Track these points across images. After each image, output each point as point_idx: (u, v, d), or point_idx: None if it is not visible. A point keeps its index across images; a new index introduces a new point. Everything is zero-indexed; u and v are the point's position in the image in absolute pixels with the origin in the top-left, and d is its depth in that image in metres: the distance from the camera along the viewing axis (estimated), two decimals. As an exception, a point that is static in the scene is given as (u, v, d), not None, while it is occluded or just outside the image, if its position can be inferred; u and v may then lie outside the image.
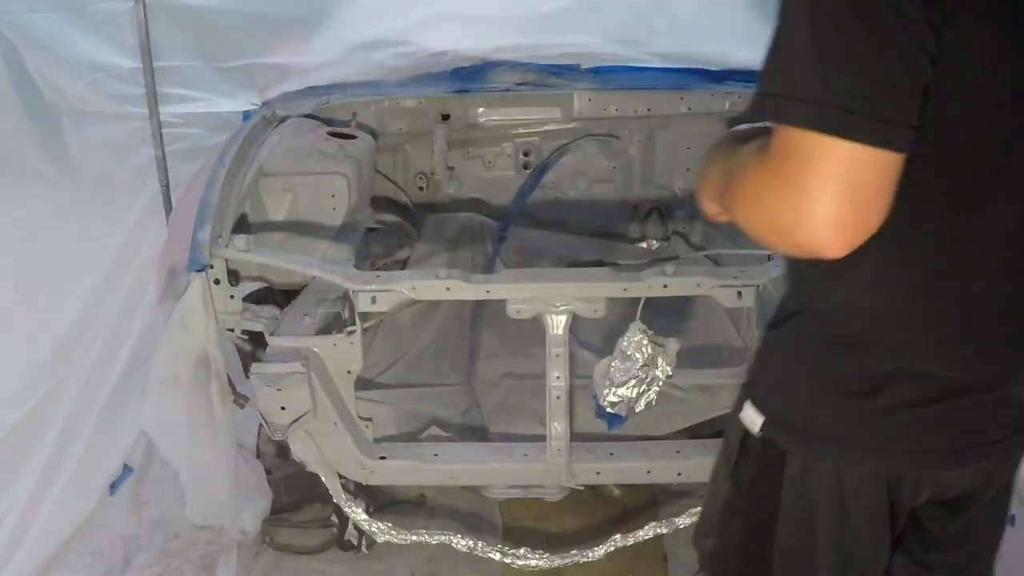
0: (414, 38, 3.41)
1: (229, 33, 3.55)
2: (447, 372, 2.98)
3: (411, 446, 2.66)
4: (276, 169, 2.91)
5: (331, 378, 2.49)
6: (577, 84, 3.47)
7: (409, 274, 2.70)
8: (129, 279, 3.54)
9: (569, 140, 3.77)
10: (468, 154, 3.79)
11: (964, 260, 1.30)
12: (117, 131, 3.56)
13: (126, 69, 3.54)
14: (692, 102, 3.52)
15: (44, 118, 3.20)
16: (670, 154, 3.77)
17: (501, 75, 3.46)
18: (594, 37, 3.45)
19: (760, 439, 1.49)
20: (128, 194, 3.64)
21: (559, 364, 2.43)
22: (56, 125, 3.25)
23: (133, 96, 3.60)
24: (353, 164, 3.00)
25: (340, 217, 2.98)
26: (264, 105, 3.41)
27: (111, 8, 3.45)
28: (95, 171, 3.45)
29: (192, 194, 2.68)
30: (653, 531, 2.69)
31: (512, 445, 2.62)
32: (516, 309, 2.40)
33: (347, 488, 2.74)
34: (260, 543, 3.12)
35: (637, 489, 3.36)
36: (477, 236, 3.60)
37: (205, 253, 2.39)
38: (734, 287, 2.37)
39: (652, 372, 2.31)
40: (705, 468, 2.65)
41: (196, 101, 3.67)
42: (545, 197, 3.84)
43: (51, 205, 3.20)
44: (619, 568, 3.05)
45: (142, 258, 3.58)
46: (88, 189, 3.40)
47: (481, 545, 2.65)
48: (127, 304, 3.52)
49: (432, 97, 3.52)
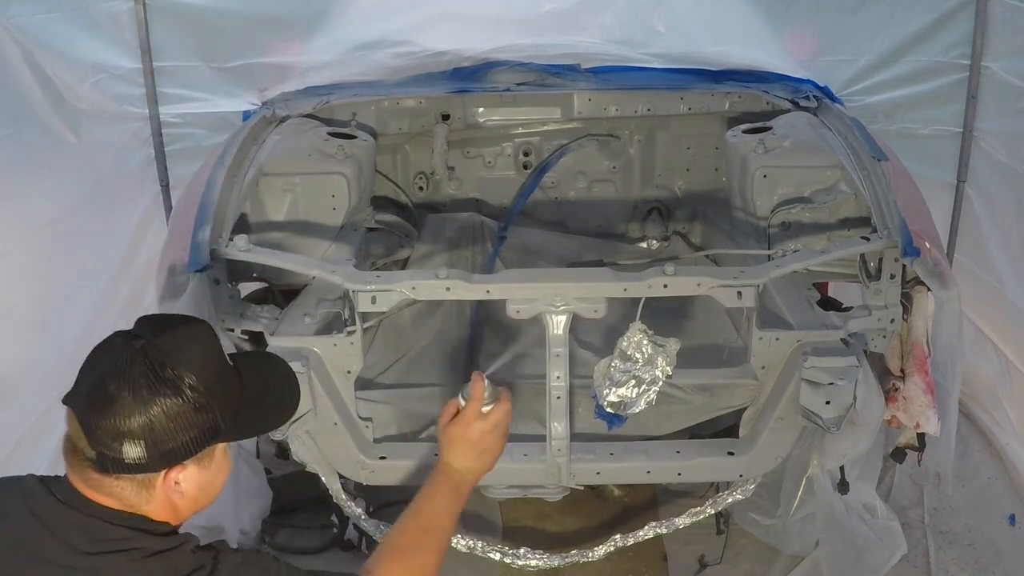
0: (414, 38, 3.41)
1: (229, 33, 3.56)
2: (447, 372, 2.97)
3: (411, 446, 2.65)
4: (276, 169, 2.91)
5: (331, 378, 2.49)
6: (577, 84, 3.47)
7: (409, 274, 2.70)
8: (131, 279, 3.55)
9: (569, 140, 3.77)
10: (468, 154, 3.79)
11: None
12: (118, 131, 3.57)
13: (127, 69, 3.55)
14: (692, 102, 3.53)
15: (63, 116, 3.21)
16: (670, 154, 3.77)
17: (501, 75, 3.46)
18: (594, 37, 3.45)
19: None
20: (129, 194, 3.65)
21: (559, 364, 2.43)
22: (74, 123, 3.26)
23: (133, 96, 3.61)
24: (353, 164, 3.00)
25: (340, 217, 2.98)
26: (264, 105, 3.41)
27: (112, 8, 3.45)
28: (99, 171, 3.46)
29: (192, 194, 2.68)
30: (653, 531, 2.69)
31: (512, 445, 2.61)
32: (516, 309, 2.40)
33: (347, 488, 2.75)
34: (260, 543, 3.12)
35: (637, 489, 3.36)
36: (477, 236, 3.60)
37: (205, 253, 2.39)
38: (734, 287, 2.37)
39: (652, 372, 2.31)
40: (705, 468, 2.70)
41: (196, 101, 3.68)
42: (545, 197, 3.84)
43: (57, 205, 3.20)
44: (619, 568, 3.05)
45: (143, 258, 3.59)
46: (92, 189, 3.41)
47: (481, 545, 2.66)
48: (128, 304, 3.53)
49: (432, 97, 3.52)
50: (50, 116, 3.16)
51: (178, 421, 1.47)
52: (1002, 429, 3.54)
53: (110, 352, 1.50)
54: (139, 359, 1.46)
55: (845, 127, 2.88)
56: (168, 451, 1.47)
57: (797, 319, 2.51)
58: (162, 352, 1.48)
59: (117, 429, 1.43)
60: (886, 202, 2.47)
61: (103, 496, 1.49)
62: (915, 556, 3.04)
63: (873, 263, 2.50)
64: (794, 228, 2.89)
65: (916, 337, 2.50)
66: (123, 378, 1.45)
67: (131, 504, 1.50)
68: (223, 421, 1.53)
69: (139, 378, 1.44)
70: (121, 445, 1.44)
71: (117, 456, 1.45)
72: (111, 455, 1.45)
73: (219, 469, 1.60)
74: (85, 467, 1.48)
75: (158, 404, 1.45)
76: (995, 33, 3.50)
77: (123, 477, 1.47)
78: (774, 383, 2.50)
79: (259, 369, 1.71)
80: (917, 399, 2.51)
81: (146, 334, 1.51)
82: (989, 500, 3.33)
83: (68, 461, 1.51)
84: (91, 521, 1.47)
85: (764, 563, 3.05)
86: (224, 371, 1.56)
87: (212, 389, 1.51)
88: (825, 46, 3.63)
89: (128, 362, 1.46)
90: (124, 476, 1.47)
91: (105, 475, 1.47)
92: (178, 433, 1.47)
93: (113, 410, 1.43)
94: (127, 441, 1.44)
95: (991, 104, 3.59)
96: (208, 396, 1.50)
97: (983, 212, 3.67)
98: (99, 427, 1.44)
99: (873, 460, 2.77)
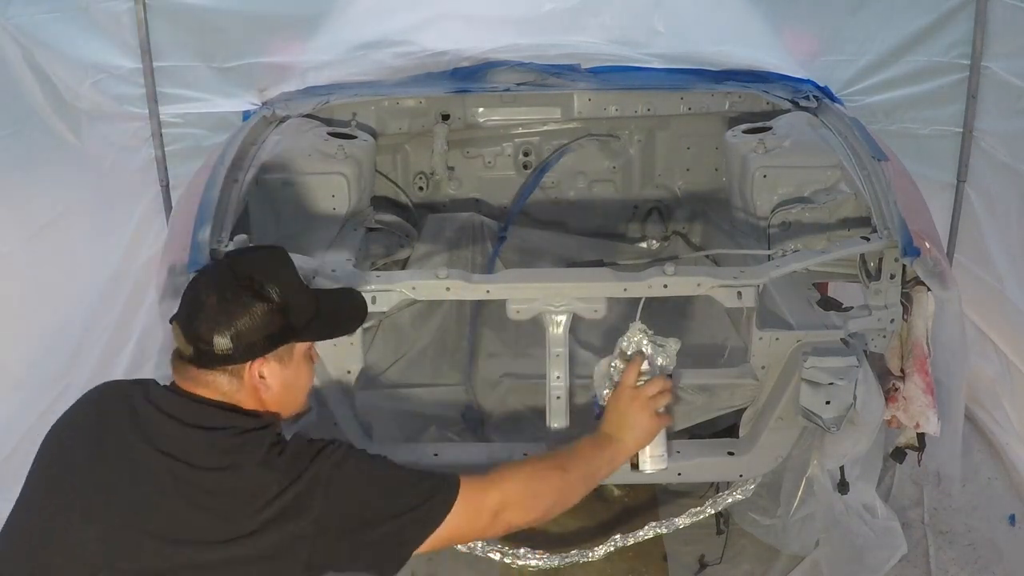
0: (414, 38, 3.41)
1: (229, 33, 3.56)
2: (447, 372, 2.98)
3: (411, 446, 2.65)
4: (276, 169, 2.91)
5: (331, 378, 2.49)
6: (577, 84, 3.47)
7: (409, 274, 2.70)
8: (131, 279, 3.55)
9: (569, 140, 3.77)
10: (468, 154, 3.79)
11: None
12: (118, 131, 3.57)
13: (127, 69, 3.55)
14: (692, 102, 3.53)
15: (63, 116, 3.21)
16: (670, 154, 3.77)
17: (501, 75, 3.46)
18: (594, 37, 3.45)
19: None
20: (129, 194, 3.65)
21: (559, 364, 2.43)
22: (74, 123, 3.26)
23: (133, 96, 3.61)
24: (353, 164, 3.00)
25: (340, 217, 2.98)
26: (264, 105, 3.41)
27: (112, 8, 3.45)
28: (99, 171, 3.46)
29: (192, 194, 2.68)
30: (653, 531, 2.69)
31: (512, 445, 2.62)
32: (516, 309, 2.40)
33: (347, 488, 2.74)
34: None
35: (637, 489, 3.36)
36: (477, 236, 3.60)
37: (205, 253, 2.39)
38: (734, 287, 2.37)
39: (652, 372, 2.31)
40: (705, 468, 2.70)
41: (196, 101, 3.68)
42: (545, 197, 3.84)
43: (57, 205, 3.20)
44: (619, 568, 3.05)
45: (143, 258, 3.59)
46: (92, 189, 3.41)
47: (481, 545, 2.65)
48: (128, 304, 3.53)
49: (432, 97, 3.52)
50: (50, 116, 3.16)
51: (258, 319, 1.75)
52: (1002, 429, 3.54)
53: (205, 273, 1.84)
54: (227, 271, 1.79)
55: (845, 127, 2.88)
56: (250, 344, 1.75)
57: (797, 319, 2.51)
58: (246, 265, 1.80)
59: (209, 326, 1.73)
60: (886, 202, 2.47)
61: (201, 388, 1.76)
62: (915, 556, 3.04)
63: (873, 263, 2.50)
64: (794, 228, 2.89)
65: (916, 337, 2.50)
66: (214, 287, 1.76)
67: (225, 393, 1.77)
68: (297, 324, 1.81)
69: (227, 285, 1.75)
70: (212, 338, 1.72)
71: (209, 349, 1.73)
72: (205, 348, 1.73)
73: (299, 370, 1.88)
74: (186, 366, 1.77)
75: (243, 304, 1.74)
76: (995, 33, 3.50)
77: (217, 369, 1.76)
78: (774, 383, 2.50)
79: (336, 296, 2.04)
80: (917, 399, 2.51)
81: (234, 256, 1.89)
82: (989, 500, 3.33)
83: (174, 367, 1.80)
84: (193, 405, 1.75)
85: (764, 563, 3.05)
86: (298, 286, 1.86)
87: (287, 296, 1.79)
88: (825, 46, 3.63)
89: (219, 275, 1.79)
90: (218, 368, 1.75)
91: (202, 369, 1.76)
92: (258, 329, 1.75)
93: (206, 312, 1.73)
94: (217, 335, 1.72)
95: (991, 104, 3.59)
96: (283, 300, 1.78)
97: (983, 212, 3.66)
98: (196, 328, 1.73)
99: (873, 460, 2.77)
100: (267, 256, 1.87)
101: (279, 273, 1.82)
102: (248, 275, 1.77)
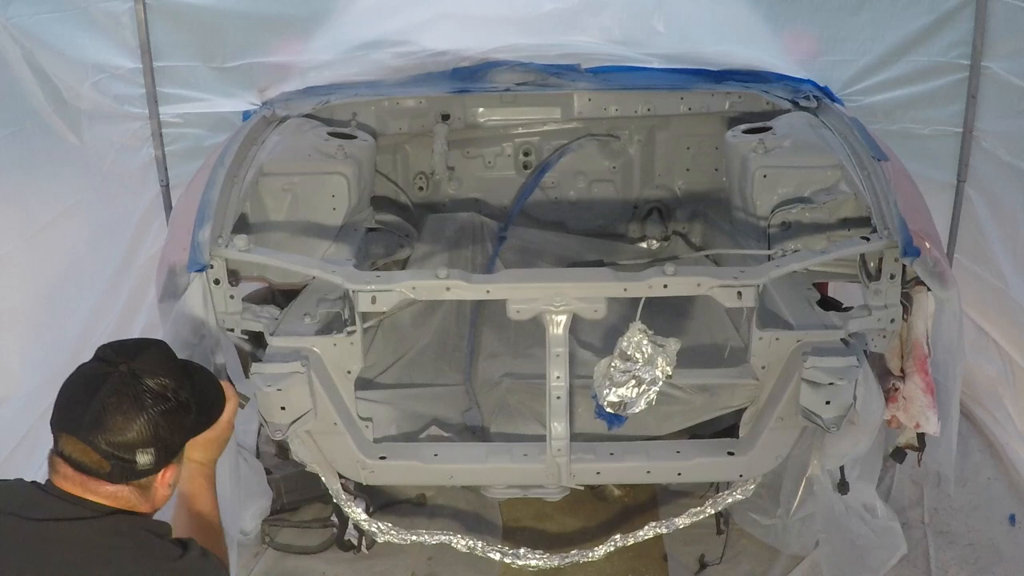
0: (414, 38, 3.41)
1: (229, 33, 3.56)
2: (447, 372, 2.97)
3: (411, 446, 2.66)
4: (276, 169, 2.91)
5: (331, 378, 2.49)
6: (577, 84, 3.47)
7: (409, 274, 2.70)
8: (131, 279, 3.55)
9: (569, 140, 3.77)
10: (468, 154, 3.80)
11: None
12: (118, 131, 3.57)
13: (127, 69, 3.55)
14: (692, 102, 3.53)
15: (64, 116, 3.21)
16: (670, 154, 3.77)
17: (501, 75, 3.45)
18: (594, 37, 3.45)
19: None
20: (129, 194, 3.65)
21: (559, 364, 2.43)
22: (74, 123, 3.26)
23: (133, 96, 3.61)
24: (353, 164, 3.00)
25: (340, 217, 2.98)
26: (264, 105, 3.41)
27: (112, 8, 3.45)
28: (99, 171, 3.45)
29: (192, 194, 2.68)
30: (653, 531, 2.69)
31: (512, 445, 2.62)
32: (516, 309, 2.40)
33: (347, 488, 2.75)
34: (260, 543, 3.12)
35: (637, 489, 3.36)
36: (477, 236, 3.60)
37: (205, 253, 2.39)
38: (734, 287, 2.37)
39: (652, 372, 2.31)
40: (705, 468, 2.70)
41: (196, 101, 3.68)
42: (545, 197, 3.84)
43: (57, 205, 3.20)
44: (619, 568, 3.05)
45: (143, 258, 3.60)
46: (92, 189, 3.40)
47: (481, 545, 2.66)
48: (128, 304, 3.53)
49: (432, 97, 3.52)
50: (51, 116, 3.16)
51: (173, 423, 1.68)
52: (1003, 429, 3.54)
53: (94, 378, 1.67)
54: (124, 378, 1.66)
55: (845, 127, 2.88)
56: (169, 451, 1.68)
57: (797, 319, 2.51)
58: (141, 369, 1.68)
59: (127, 442, 1.62)
60: (886, 202, 2.47)
61: (102, 499, 1.63)
62: (915, 556, 3.04)
63: (873, 263, 2.50)
64: (794, 228, 2.89)
65: (916, 337, 2.50)
66: (118, 395, 1.63)
67: (131, 504, 1.66)
68: (196, 417, 1.77)
69: (132, 394, 1.64)
70: (134, 455, 1.63)
71: (131, 465, 1.63)
72: (125, 466, 1.63)
73: (182, 466, 1.81)
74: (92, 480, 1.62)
75: (156, 412, 1.65)
76: (995, 33, 3.50)
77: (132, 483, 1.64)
78: (774, 383, 2.50)
79: (193, 371, 1.90)
80: (917, 399, 2.51)
81: (118, 358, 1.70)
82: (989, 500, 3.33)
83: (60, 473, 1.63)
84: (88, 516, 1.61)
85: (764, 563, 3.05)
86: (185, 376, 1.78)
87: (186, 391, 1.73)
88: (825, 46, 3.63)
89: (117, 382, 1.65)
90: (133, 482, 1.64)
91: (115, 484, 1.63)
92: (175, 434, 1.69)
93: (120, 426, 1.62)
94: (139, 451, 1.63)
95: (991, 104, 3.59)
96: (186, 397, 1.73)
97: (983, 212, 3.66)
98: (110, 443, 1.61)
99: (873, 460, 2.77)
100: (155, 354, 1.76)
101: (171, 369, 1.75)
102: (143, 377, 1.67)
